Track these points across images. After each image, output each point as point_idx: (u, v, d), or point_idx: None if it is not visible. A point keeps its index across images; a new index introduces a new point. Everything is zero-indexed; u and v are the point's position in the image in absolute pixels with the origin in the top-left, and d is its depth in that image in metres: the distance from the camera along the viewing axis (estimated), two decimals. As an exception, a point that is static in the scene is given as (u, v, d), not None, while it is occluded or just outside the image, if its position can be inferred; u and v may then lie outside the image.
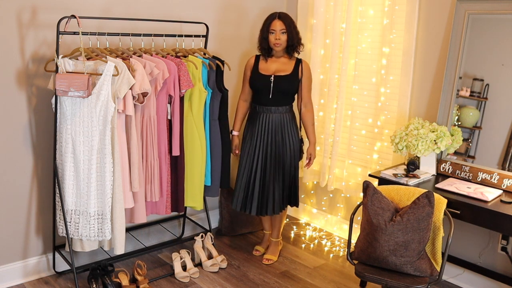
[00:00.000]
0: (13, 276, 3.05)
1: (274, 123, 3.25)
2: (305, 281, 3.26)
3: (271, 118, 3.25)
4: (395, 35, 3.32)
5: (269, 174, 3.28)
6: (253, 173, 3.30)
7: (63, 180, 2.81)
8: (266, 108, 3.25)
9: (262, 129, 3.26)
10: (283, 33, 3.16)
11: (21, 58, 2.85)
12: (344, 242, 3.81)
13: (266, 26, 3.19)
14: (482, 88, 2.99)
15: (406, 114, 3.33)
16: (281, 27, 3.15)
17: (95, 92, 2.68)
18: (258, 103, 3.29)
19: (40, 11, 2.86)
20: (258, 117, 3.28)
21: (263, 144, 3.27)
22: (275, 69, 3.25)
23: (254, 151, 3.29)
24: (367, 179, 3.27)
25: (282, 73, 3.23)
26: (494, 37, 2.93)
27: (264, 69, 3.26)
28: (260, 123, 3.26)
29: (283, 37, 3.16)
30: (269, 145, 3.26)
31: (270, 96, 3.21)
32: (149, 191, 3.02)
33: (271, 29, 3.16)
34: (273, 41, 3.17)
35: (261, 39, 3.25)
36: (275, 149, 3.27)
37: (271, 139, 3.25)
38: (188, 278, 3.20)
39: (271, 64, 3.28)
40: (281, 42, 3.17)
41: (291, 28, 3.17)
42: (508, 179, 2.81)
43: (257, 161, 3.28)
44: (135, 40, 3.11)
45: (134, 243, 3.42)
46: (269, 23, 3.17)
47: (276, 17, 3.17)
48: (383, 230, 2.52)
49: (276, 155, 3.27)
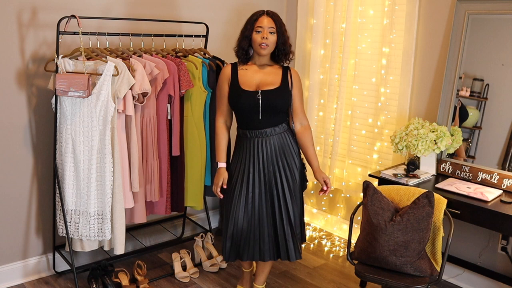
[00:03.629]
0: (13, 276, 3.05)
1: (275, 149, 2.62)
2: (305, 281, 3.26)
3: (269, 144, 2.61)
4: (395, 35, 3.32)
5: (278, 210, 2.65)
6: (257, 214, 2.65)
7: (63, 180, 2.81)
8: (259, 133, 2.59)
9: (261, 159, 2.61)
10: (271, 32, 2.54)
11: (21, 58, 2.85)
12: (344, 242, 3.81)
13: (251, 23, 2.56)
14: (482, 88, 2.99)
15: (406, 114, 3.33)
16: (270, 25, 2.53)
17: (95, 92, 2.68)
18: (247, 128, 2.62)
19: (40, 11, 2.86)
20: (252, 145, 2.61)
21: (263, 177, 2.62)
22: (260, 82, 2.60)
23: (252, 190, 2.63)
24: (367, 179, 3.26)
25: (270, 86, 2.59)
26: (494, 37, 2.93)
27: (246, 83, 2.59)
28: (257, 152, 2.61)
29: (271, 37, 2.54)
30: (272, 177, 2.63)
31: (260, 117, 2.57)
32: (149, 191, 3.02)
33: (257, 26, 2.53)
34: (259, 40, 2.53)
35: (242, 39, 2.59)
36: (280, 180, 2.63)
37: (273, 168, 2.63)
38: (188, 278, 3.20)
39: (253, 75, 2.61)
40: (269, 43, 2.54)
41: (282, 30, 2.58)
42: (508, 179, 2.81)
43: (259, 200, 2.64)
44: (135, 40, 3.11)
45: (134, 243, 3.42)
46: (255, 19, 2.55)
47: (264, 13, 2.56)
48: (383, 230, 2.52)
49: (282, 187, 2.64)
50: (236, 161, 2.68)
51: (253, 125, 2.60)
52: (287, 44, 2.60)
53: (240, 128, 2.67)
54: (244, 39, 2.58)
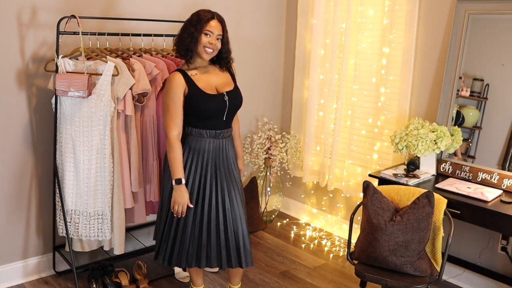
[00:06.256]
0: (13, 276, 3.05)
1: (230, 149, 2.63)
2: (305, 281, 3.26)
3: (227, 144, 2.61)
4: (395, 35, 3.32)
5: (238, 214, 2.59)
6: (206, 218, 2.55)
7: (63, 180, 2.81)
8: (219, 133, 2.57)
9: (219, 159, 2.57)
10: (218, 39, 2.51)
11: (21, 58, 2.85)
12: (344, 242, 3.81)
13: (201, 25, 2.46)
14: (482, 88, 2.99)
15: (406, 114, 3.33)
16: (219, 32, 2.50)
17: (95, 92, 2.68)
18: (209, 128, 2.55)
19: (40, 11, 2.86)
20: (214, 145, 2.56)
21: (218, 177, 2.57)
22: (217, 84, 2.58)
23: (205, 190, 2.55)
24: (367, 179, 3.26)
25: (229, 86, 2.60)
26: (494, 37, 2.93)
27: (207, 87, 2.53)
28: (217, 153, 2.56)
29: (217, 44, 2.50)
30: (224, 176, 2.59)
31: (224, 118, 2.57)
32: (149, 191, 3.02)
33: (206, 30, 2.46)
34: (205, 44, 2.47)
35: (189, 39, 2.47)
36: (231, 179, 2.61)
37: (227, 168, 2.60)
38: (188, 278, 3.20)
39: (208, 79, 2.56)
40: (214, 48, 2.50)
41: (226, 36, 2.56)
42: (508, 179, 2.81)
43: (215, 199, 2.56)
44: (135, 40, 3.11)
45: (134, 243, 3.41)
46: (205, 22, 2.46)
47: (214, 17, 2.50)
48: (383, 230, 2.52)
49: (235, 185, 2.62)
50: (189, 162, 2.55)
51: (217, 125, 2.57)
52: (229, 52, 2.60)
53: (199, 128, 2.55)
54: (193, 40, 2.47)
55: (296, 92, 4.03)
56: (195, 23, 2.48)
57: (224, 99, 2.54)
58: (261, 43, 4.00)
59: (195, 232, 2.55)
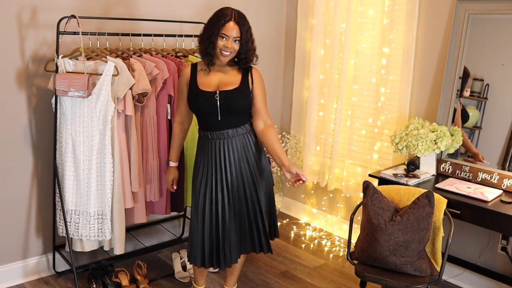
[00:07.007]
0: (13, 276, 3.05)
1: (238, 151, 2.54)
2: (305, 281, 3.26)
3: (232, 146, 2.53)
4: (395, 35, 3.32)
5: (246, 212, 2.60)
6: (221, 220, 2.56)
7: (63, 180, 2.81)
8: (220, 134, 2.52)
9: (222, 160, 2.53)
10: (236, 41, 2.44)
11: (21, 58, 2.85)
12: (344, 242, 3.81)
13: (217, 28, 2.42)
14: (482, 88, 2.99)
15: (406, 114, 3.33)
16: (236, 34, 2.42)
17: (95, 92, 2.68)
18: (207, 129, 2.54)
19: (40, 11, 2.86)
20: (214, 147, 2.53)
21: (226, 179, 2.54)
22: (219, 82, 2.52)
23: (216, 192, 2.55)
24: (367, 179, 3.26)
25: (229, 86, 2.50)
26: (494, 37, 2.93)
27: (205, 84, 2.51)
28: (219, 155, 2.53)
29: (235, 46, 2.44)
30: (235, 179, 2.55)
31: (219, 118, 2.49)
32: (149, 191, 3.02)
33: (222, 33, 2.41)
34: (221, 47, 2.42)
35: (208, 44, 2.44)
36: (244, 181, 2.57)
37: (236, 170, 2.55)
38: (188, 278, 3.20)
39: (213, 76, 2.53)
40: (232, 51, 2.44)
41: (247, 36, 2.46)
42: (508, 179, 2.81)
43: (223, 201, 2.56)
44: (135, 40, 3.11)
45: (134, 243, 3.42)
46: (221, 25, 2.41)
47: (231, 19, 2.41)
48: (383, 230, 2.52)
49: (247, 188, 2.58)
50: (199, 164, 2.60)
51: (214, 126, 2.52)
52: (249, 52, 2.50)
53: (201, 130, 2.59)
54: (210, 45, 2.43)
55: (296, 92, 4.03)
56: (212, 25, 2.44)
57: (215, 97, 2.47)
58: (261, 43, 3.99)
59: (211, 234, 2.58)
